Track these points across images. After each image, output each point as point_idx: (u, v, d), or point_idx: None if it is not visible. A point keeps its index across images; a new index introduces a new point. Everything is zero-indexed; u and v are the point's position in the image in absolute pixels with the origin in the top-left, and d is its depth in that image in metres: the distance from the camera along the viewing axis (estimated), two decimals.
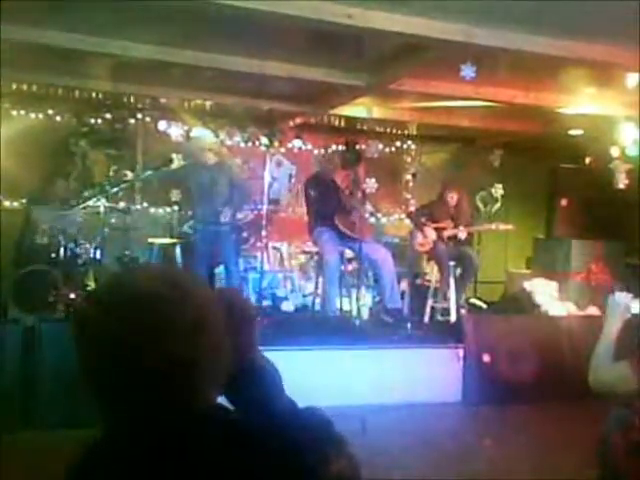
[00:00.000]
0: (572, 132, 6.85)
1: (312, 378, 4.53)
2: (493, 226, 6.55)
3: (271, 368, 1.05)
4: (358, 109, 6.82)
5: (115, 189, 5.48)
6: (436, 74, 5.16)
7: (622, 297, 2.44)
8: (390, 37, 4.04)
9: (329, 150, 8.03)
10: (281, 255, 7.05)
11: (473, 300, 7.05)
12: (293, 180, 7.94)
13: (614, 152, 6.30)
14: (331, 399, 4.32)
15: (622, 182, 5.99)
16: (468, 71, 4.10)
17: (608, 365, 2.31)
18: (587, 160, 6.93)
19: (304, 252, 6.88)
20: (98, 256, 5.35)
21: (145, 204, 7.29)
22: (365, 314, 6.22)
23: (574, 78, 5.07)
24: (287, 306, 6.38)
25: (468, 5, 3.71)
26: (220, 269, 6.09)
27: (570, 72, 4.92)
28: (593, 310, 5.84)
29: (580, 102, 5.75)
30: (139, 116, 7.27)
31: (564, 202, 6.75)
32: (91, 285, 5.00)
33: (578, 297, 6.20)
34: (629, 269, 6.57)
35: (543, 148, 7.37)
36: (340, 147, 7.67)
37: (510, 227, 6.57)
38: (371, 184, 8.05)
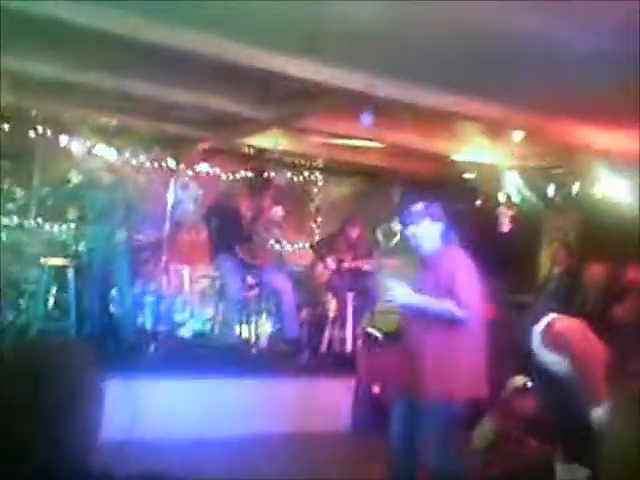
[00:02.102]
0: (465, 175, 7.31)
1: (200, 408, 4.53)
2: (383, 262, 6.80)
3: None
4: (267, 139, 6.93)
5: (8, 204, 5.24)
6: (339, 115, 5.39)
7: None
8: (294, 81, 4.21)
9: (237, 176, 8.06)
10: (182, 279, 6.97)
11: (370, 329, 7.25)
12: (198, 203, 7.89)
13: (500, 197, 6.79)
14: (217, 429, 4.36)
15: (506, 226, 6.45)
16: (367, 119, 4.34)
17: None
18: (477, 202, 7.40)
19: (206, 277, 6.85)
20: None
21: (39, 221, 6.97)
22: (264, 342, 6.28)
23: (467, 129, 5.47)
24: (184, 332, 6.32)
25: (370, 57, 3.95)
26: (114, 291, 5.94)
27: (463, 123, 5.31)
28: None
29: (471, 150, 6.20)
30: (39, 129, 6.97)
31: None
32: None
33: None
34: (513, 306, 7.03)
35: (438, 188, 7.78)
36: (248, 174, 7.74)
37: (396, 263, 6.80)
38: (277, 212, 8.14)
